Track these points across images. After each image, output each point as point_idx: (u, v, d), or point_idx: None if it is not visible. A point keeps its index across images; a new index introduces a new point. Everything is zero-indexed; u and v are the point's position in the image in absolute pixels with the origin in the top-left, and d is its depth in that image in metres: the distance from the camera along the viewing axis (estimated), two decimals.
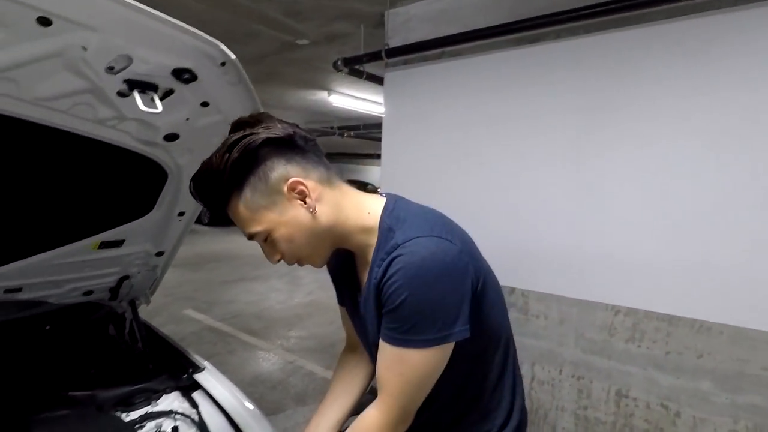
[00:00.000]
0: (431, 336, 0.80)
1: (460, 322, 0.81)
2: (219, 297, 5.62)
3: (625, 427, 2.28)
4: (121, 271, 1.48)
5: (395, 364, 0.83)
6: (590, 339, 2.34)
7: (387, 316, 0.83)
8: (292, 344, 4.29)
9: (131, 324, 1.69)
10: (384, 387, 0.86)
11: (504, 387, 0.97)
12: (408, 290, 0.78)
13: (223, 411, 1.37)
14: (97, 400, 1.34)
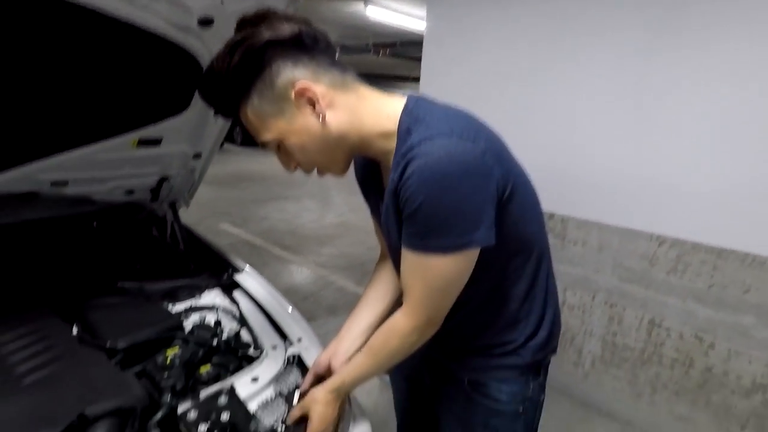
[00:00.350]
0: (451, 242, 0.75)
1: (483, 228, 0.75)
2: (253, 214, 5.77)
3: (654, 354, 2.27)
4: (161, 171, 1.48)
5: (417, 270, 0.81)
6: (629, 268, 2.28)
7: (406, 221, 0.78)
8: (324, 260, 4.42)
9: (172, 226, 1.73)
10: (408, 293, 0.84)
11: (534, 299, 0.94)
12: (423, 194, 0.72)
13: (262, 309, 1.42)
14: (145, 292, 1.40)
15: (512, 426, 0.98)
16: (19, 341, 1.05)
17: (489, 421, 0.97)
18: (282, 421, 1.02)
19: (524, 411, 0.97)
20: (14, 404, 0.86)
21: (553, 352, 1.01)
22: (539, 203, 0.93)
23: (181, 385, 1.07)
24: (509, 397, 0.96)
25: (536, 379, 0.99)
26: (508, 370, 0.95)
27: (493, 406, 0.96)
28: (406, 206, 0.77)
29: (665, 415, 2.27)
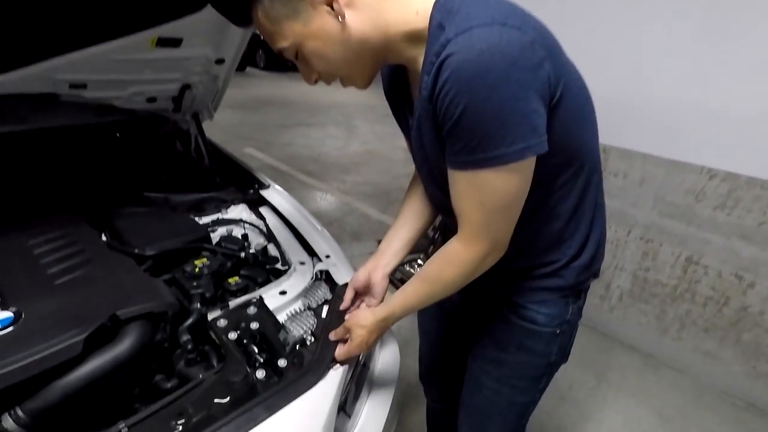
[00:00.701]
0: (505, 150, 0.65)
1: (539, 131, 0.65)
2: (277, 139, 5.70)
3: (687, 292, 2.21)
4: (182, 78, 1.40)
5: (471, 192, 0.72)
6: (671, 202, 2.16)
7: (449, 136, 0.68)
8: (348, 188, 4.38)
9: (196, 140, 1.68)
10: (464, 219, 0.75)
11: (582, 217, 0.85)
12: (466, 98, 0.62)
13: (289, 226, 1.38)
14: (171, 203, 1.38)
15: (547, 347, 0.94)
16: (50, 244, 1.04)
17: (524, 342, 0.93)
18: (311, 332, 1.01)
19: (561, 333, 0.93)
20: (47, 303, 0.86)
21: (595, 276, 0.94)
22: (594, 110, 0.82)
23: (210, 294, 1.07)
24: (548, 319, 0.91)
25: (576, 302, 0.93)
26: (549, 292, 0.90)
27: (530, 327, 0.92)
28: (446, 117, 0.67)
29: (690, 351, 2.25)
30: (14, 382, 0.72)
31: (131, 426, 0.73)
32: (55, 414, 0.77)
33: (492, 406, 1.02)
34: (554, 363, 0.97)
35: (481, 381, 1.01)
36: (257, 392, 0.83)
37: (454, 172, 0.72)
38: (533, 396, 1.01)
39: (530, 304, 0.91)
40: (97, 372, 0.80)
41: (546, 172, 0.75)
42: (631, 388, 2.17)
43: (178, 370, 0.91)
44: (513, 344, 0.94)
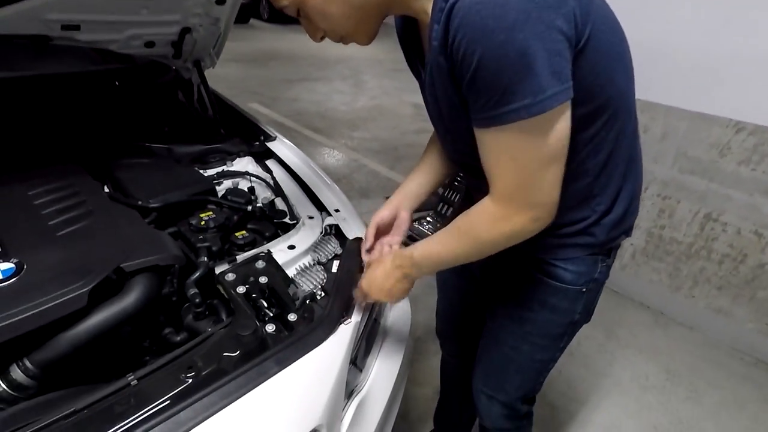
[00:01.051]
0: (531, 100, 0.58)
1: (564, 76, 0.58)
2: (282, 94, 5.55)
3: (703, 249, 2.16)
4: (182, 20, 1.32)
5: (501, 152, 0.65)
6: (693, 158, 2.07)
7: (469, 92, 0.62)
8: (356, 144, 4.29)
9: (199, 90, 1.61)
10: (497, 182, 0.68)
11: (613, 171, 0.79)
12: (481, 44, 0.55)
13: (296, 179, 1.34)
14: (174, 154, 1.33)
15: (572, 306, 0.90)
16: (51, 195, 1.01)
17: (548, 300, 0.90)
18: (321, 287, 0.98)
19: (587, 291, 0.89)
20: (49, 255, 0.84)
21: (627, 234, 0.88)
22: (628, 51, 0.74)
23: (217, 247, 1.03)
24: (575, 276, 0.87)
25: (605, 261, 0.88)
26: (577, 249, 0.85)
27: (556, 284, 0.88)
28: (462, 70, 0.60)
29: (702, 309, 2.23)
30: (19, 333, 0.70)
31: (140, 378, 0.72)
32: (63, 366, 0.76)
33: (510, 362, 1.00)
34: (577, 322, 0.94)
35: (501, 337, 0.99)
36: (267, 346, 0.81)
37: (479, 131, 0.66)
38: (553, 354, 0.99)
39: (557, 261, 0.86)
40: (104, 324, 0.78)
41: (573, 124, 0.68)
42: (639, 344, 2.17)
43: (186, 324, 0.90)
44: (536, 301, 0.91)
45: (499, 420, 1.09)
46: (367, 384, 0.97)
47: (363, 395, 0.94)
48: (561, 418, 1.75)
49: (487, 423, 1.12)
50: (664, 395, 1.92)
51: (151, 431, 0.62)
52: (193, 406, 0.67)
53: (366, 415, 0.93)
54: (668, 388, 1.95)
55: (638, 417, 1.81)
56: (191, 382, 0.72)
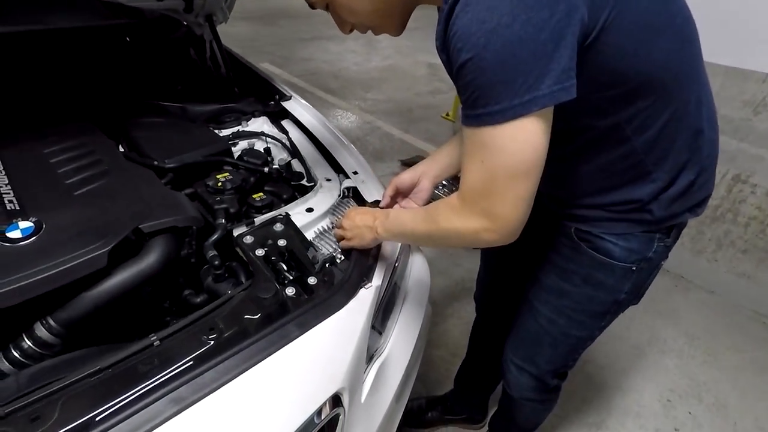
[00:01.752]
0: (509, 102, 0.55)
1: (552, 78, 0.54)
2: (295, 54, 5.41)
3: (729, 212, 2.10)
4: None
5: (475, 150, 0.62)
6: (724, 116, 1.97)
7: (457, 85, 0.61)
8: (369, 105, 4.20)
9: (211, 47, 1.55)
10: (465, 178, 0.66)
11: (670, 144, 0.72)
12: (467, 40, 0.55)
13: (313, 140, 1.30)
14: (188, 113, 1.30)
15: (618, 284, 0.85)
16: (67, 153, 0.99)
17: (592, 274, 0.85)
18: (340, 250, 0.96)
19: (638, 270, 0.83)
20: (68, 214, 0.83)
21: (693, 213, 0.80)
22: (679, 15, 0.67)
23: (235, 209, 1.02)
24: (625, 253, 0.81)
25: (663, 240, 0.81)
26: (632, 225, 0.79)
27: (603, 259, 0.82)
28: (450, 61, 0.60)
29: (724, 272, 2.19)
30: (41, 293, 0.70)
31: (163, 339, 0.72)
32: (86, 324, 0.77)
33: (544, 335, 0.97)
34: (623, 302, 0.88)
35: (537, 308, 0.96)
36: (288, 309, 0.80)
37: (463, 127, 0.64)
38: (591, 332, 0.95)
39: (607, 235, 0.80)
40: (124, 285, 0.78)
41: (606, 106, 0.65)
42: (658, 308, 2.14)
43: (206, 286, 0.89)
44: (579, 275, 0.86)
45: (527, 391, 1.09)
46: (387, 347, 0.97)
47: (384, 358, 0.94)
48: (578, 381, 1.76)
49: (514, 392, 1.12)
50: (682, 359, 1.91)
51: (176, 391, 0.62)
52: (216, 368, 0.66)
53: (386, 378, 0.93)
54: (686, 351, 1.94)
55: (655, 380, 1.81)
56: (213, 343, 0.72)
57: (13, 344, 0.71)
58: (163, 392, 0.62)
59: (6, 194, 0.84)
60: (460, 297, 2.09)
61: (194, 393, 0.63)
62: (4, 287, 0.66)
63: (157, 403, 0.61)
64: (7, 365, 0.70)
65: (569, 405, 1.67)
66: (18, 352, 0.71)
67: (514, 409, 1.21)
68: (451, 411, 1.53)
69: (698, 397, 1.75)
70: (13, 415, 0.58)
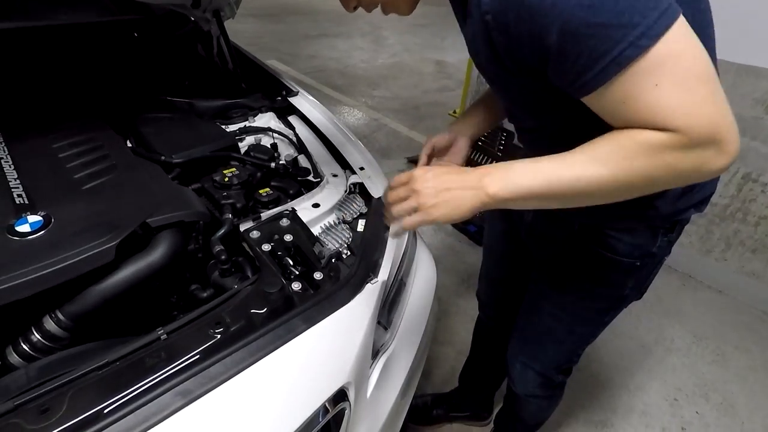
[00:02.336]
0: (650, 20, 0.47)
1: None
2: (301, 50, 5.42)
3: (738, 211, 2.08)
4: None
5: (636, 92, 0.51)
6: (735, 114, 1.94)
7: (559, 59, 0.52)
8: (376, 103, 4.20)
9: (219, 43, 1.55)
10: (647, 114, 0.52)
11: None
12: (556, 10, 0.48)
13: (320, 136, 1.30)
14: (196, 109, 1.30)
15: (622, 279, 0.84)
16: (75, 148, 1.00)
17: (597, 271, 0.85)
18: (347, 246, 0.96)
19: (641, 266, 0.82)
20: (76, 208, 0.83)
21: (697, 209, 0.79)
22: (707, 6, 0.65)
23: (241, 204, 1.02)
24: (629, 249, 0.80)
25: (667, 236, 0.80)
26: (636, 220, 0.78)
27: (607, 255, 0.82)
28: (532, 50, 0.52)
29: (733, 272, 2.17)
30: (50, 286, 0.70)
31: (170, 333, 0.72)
32: (94, 318, 0.77)
33: (548, 332, 0.97)
34: (626, 297, 0.88)
35: (541, 305, 0.96)
36: (294, 304, 0.81)
37: (595, 94, 0.53)
38: (595, 328, 0.95)
39: (611, 231, 0.80)
40: (131, 278, 0.79)
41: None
42: (666, 307, 2.13)
43: (213, 281, 0.89)
44: (584, 271, 0.86)
45: (532, 388, 1.08)
46: (393, 343, 0.97)
47: (389, 354, 0.94)
48: (584, 379, 1.75)
49: (519, 389, 1.11)
50: (690, 358, 1.89)
51: (182, 384, 0.63)
52: (223, 361, 0.66)
53: (392, 374, 0.93)
54: (694, 350, 1.93)
55: (662, 379, 1.80)
56: (220, 337, 0.72)
57: (22, 337, 0.72)
58: (169, 385, 0.62)
59: (15, 188, 0.85)
60: (465, 294, 2.09)
61: (201, 386, 0.63)
62: (14, 280, 0.67)
63: (164, 396, 0.61)
64: (17, 358, 0.71)
65: (575, 403, 1.66)
66: (27, 345, 0.71)
67: (519, 406, 1.21)
68: (457, 408, 1.53)
69: (705, 397, 1.74)
70: (22, 407, 0.58)
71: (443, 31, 6.58)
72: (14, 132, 1.02)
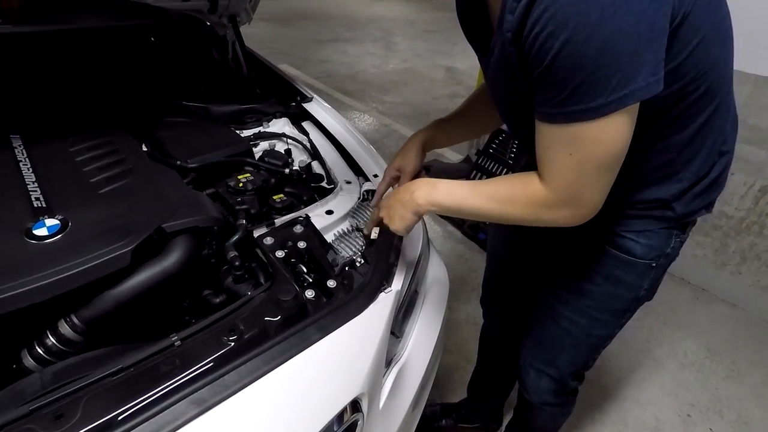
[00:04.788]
0: (603, 100, 0.54)
1: (648, 70, 0.53)
2: (313, 55, 5.45)
3: (755, 224, 2.04)
4: None
5: (559, 146, 0.61)
6: (753, 126, 1.92)
7: (537, 83, 0.58)
8: (387, 108, 4.20)
9: (234, 47, 1.56)
10: (551, 171, 0.64)
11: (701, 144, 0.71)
12: (561, 39, 0.51)
13: (334, 142, 1.30)
14: (211, 114, 1.31)
15: (639, 281, 0.85)
16: (91, 152, 1.00)
17: (614, 273, 0.85)
18: (360, 254, 0.96)
19: (656, 267, 0.83)
20: (92, 212, 0.83)
21: (707, 210, 0.81)
22: (727, 15, 0.66)
23: (255, 210, 1.02)
24: (646, 250, 0.81)
25: (680, 236, 0.82)
26: (653, 221, 0.79)
27: (625, 257, 0.82)
28: (536, 60, 0.55)
29: (748, 286, 2.13)
30: (66, 290, 0.70)
31: (183, 339, 0.72)
32: (109, 322, 0.77)
33: (565, 336, 0.96)
34: (641, 298, 0.89)
35: (557, 310, 0.95)
36: (308, 312, 0.80)
37: (542, 124, 0.62)
38: (612, 330, 0.94)
39: (628, 233, 0.81)
40: (146, 284, 0.79)
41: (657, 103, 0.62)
42: (679, 320, 2.10)
43: (226, 286, 0.89)
44: (601, 274, 0.86)
45: (547, 395, 1.07)
46: (405, 352, 0.96)
47: (402, 364, 0.93)
48: (595, 392, 1.73)
49: (533, 397, 1.10)
50: (703, 373, 1.86)
51: (197, 393, 0.62)
52: (237, 370, 0.66)
53: (404, 385, 0.92)
54: (708, 365, 1.89)
55: (675, 394, 1.76)
56: (234, 345, 0.71)
57: (37, 341, 0.72)
58: (184, 393, 0.61)
59: (33, 191, 0.85)
60: (474, 302, 2.07)
61: (215, 395, 0.63)
62: (31, 284, 0.67)
63: (179, 404, 0.60)
64: (32, 362, 0.71)
65: (586, 416, 1.64)
66: (42, 349, 0.71)
67: (531, 416, 1.19)
68: (466, 419, 1.51)
69: (720, 413, 1.70)
70: (37, 413, 0.58)
71: (454, 37, 6.58)
72: (33, 136, 1.03)
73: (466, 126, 1.04)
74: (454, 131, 1.04)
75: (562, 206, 0.66)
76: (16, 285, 0.66)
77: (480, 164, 2.73)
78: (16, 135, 1.03)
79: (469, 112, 1.02)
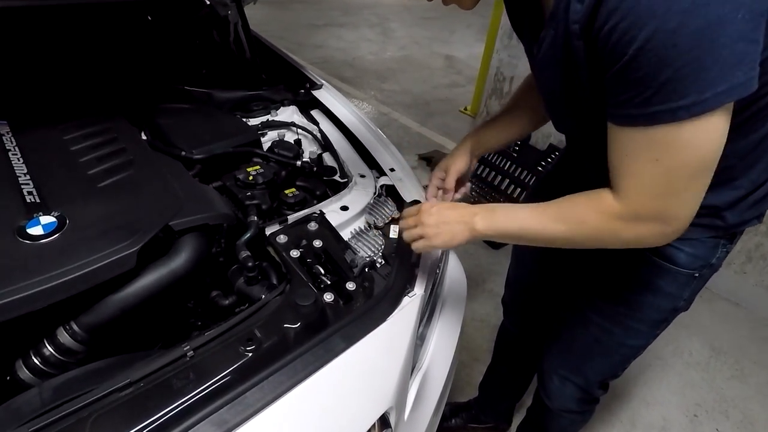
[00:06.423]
0: (695, 98, 0.47)
1: (747, 64, 0.46)
2: (307, 40, 5.31)
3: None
4: None
5: (642, 151, 0.54)
6: None
7: (612, 82, 0.52)
8: (386, 97, 4.11)
9: (236, 30, 1.47)
10: (630, 182, 0.57)
11: (764, 150, 0.66)
12: (645, 31, 0.45)
13: (346, 132, 1.22)
14: (214, 100, 1.23)
15: (680, 291, 0.80)
16: (88, 141, 0.92)
17: (654, 281, 0.80)
18: (380, 254, 0.90)
19: (699, 277, 0.79)
20: (92, 208, 0.76)
21: (759, 220, 0.75)
22: None
23: (266, 206, 0.95)
24: (690, 259, 0.76)
25: (727, 246, 0.77)
26: (700, 230, 0.73)
27: (667, 266, 0.78)
28: (611, 59, 0.49)
29: (752, 285, 2.12)
30: (66, 296, 0.63)
31: (196, 349, 0.65)
32: (112, 330, 0.70)
33: (597, 345, 0.92)
34: (680, 309, 0.84)
35: (589, 317, 0.90)
36: (328, 319, 0.74)
37: (616, 127, 0.56)
38: (646, 340, 0.90)
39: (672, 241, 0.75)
40: (153, 287, 0.72)
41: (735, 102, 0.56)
42: (683, 319, 2.05)
43: (237, 288, 0.82)
44: (640, 282, 0.81)
45: (570, 403, 1.03)
46: (427, 359, 0.91)
47: (424, 371, 0.88)
48: None
49: (554, 404, 1.06)
50: (708, 372, 1.85)
51: (217, 413, 0.56)
52: (260, 386, 0.60)
53: (427, 392, 0.87)
54: (713, 365, 1.88)
55: (681, 393, 1.75)
56: (252, 355, 0.65)
57: (33, 350, 0.65)
58: (204, 414, 0.55)
59: (25, 185, 0.77)
60: (480, 298, 2.03)
61: (237, 414, 0.57)
62: (26, 291, 0.59)
63: (199, 426, 0.54)
64: (28, 373, 0.64)
65: (595, 416, 1.59)
66: (39, 360, 0.65)
67: (548, 420, 1.15)
68: (476, 419, 1.47)
69: (725, 414, 1.69)
70: None
71: (452, 24, 6.47)
72: (21, 122, 0.94)
73: (515, 123, 0.96)
74: (502, 131, 0.96)
75: (645, 222, 0.59)
76: (8, 292, 0.59)
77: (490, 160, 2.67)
78: (3, 121, 0.94)
79: (515, 109, 0.96)
